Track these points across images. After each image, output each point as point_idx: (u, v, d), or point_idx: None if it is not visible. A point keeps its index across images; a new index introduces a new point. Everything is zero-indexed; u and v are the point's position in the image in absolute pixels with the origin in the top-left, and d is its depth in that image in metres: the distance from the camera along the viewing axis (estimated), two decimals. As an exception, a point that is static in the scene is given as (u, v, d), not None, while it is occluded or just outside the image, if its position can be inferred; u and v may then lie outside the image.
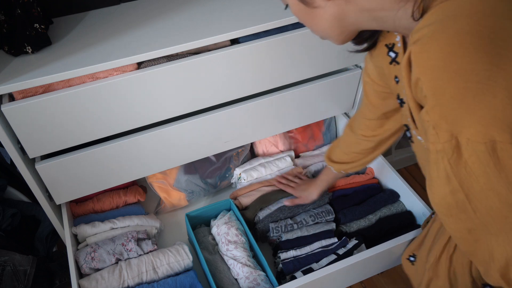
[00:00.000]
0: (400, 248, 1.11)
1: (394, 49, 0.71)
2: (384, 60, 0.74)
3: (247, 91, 1.15)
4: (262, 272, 1.12)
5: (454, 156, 0.50)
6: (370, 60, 0.82)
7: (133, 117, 1.05)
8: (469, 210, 0.55)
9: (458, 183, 0.52)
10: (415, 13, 0.52)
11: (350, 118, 1.02)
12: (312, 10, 0.60)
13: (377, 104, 0.89)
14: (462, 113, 0.46)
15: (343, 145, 1.06)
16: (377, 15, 0.57)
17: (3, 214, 1.25)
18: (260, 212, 1.24)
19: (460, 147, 0.49)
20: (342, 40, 0.65)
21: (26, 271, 1.14)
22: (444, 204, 0.57)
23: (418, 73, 0.48)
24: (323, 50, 1.17)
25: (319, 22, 0.62)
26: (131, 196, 1.29)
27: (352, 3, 0.57)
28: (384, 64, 0.75)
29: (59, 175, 1.07)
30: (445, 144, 0.49)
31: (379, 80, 0.83)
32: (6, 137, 0.94)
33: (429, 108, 0.49)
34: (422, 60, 0.48)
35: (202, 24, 1.05)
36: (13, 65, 0.93)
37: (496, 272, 0.60)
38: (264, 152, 1.45)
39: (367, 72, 0.85)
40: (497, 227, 0.56)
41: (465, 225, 0.59)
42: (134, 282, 1.07)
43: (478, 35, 0.45)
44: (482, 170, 0.49)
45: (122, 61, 0.94)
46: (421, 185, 1.74)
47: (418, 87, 0.50)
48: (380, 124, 0.94)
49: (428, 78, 0.47)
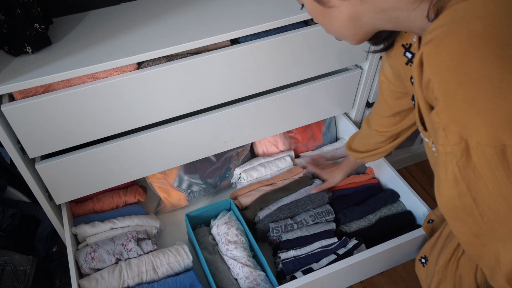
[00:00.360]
0: (400, 248, 1.11)
1: (411, 49, 0.70)
2: (401, 60, 0.74)
3: (247, 91, 1.15)
4: (262, 272, 1.12)
5: (463, 159, 0.49)
6: (386, 60, 0.82)
7: (133, 117, 1.05)
8: (476, 214, 0.54)
9: (466, 187, 0.52)
10: (430, 14, 0.52)
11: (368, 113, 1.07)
12: (327, 10, 0.60)
13: (392, 103, 0.90)
14: (473, 116, 0.46)
15: (360, 137, 1.11)
16: (392, 15, 0.57)
17: (3, 214, 1.25)
18: (260, 212, 1.24)
19: (469, 150, 0.48)
20: (358, 40, 0.65)
21: (26, 271, 1.14)
22: (451, 207, 0.56)
23: (430, 74, 0.48)
24: (323, 50, 1.17)
25: (334, 22, 0.62)
26: (131, 196, 1.29)
27: (368, 3, 0.57)
28: (400, 64, 0.75)
29: (59, 175, 1.07)
30: (454, 147, 0.49)
31: (395, 80, 0.83)
32: (6, 137, 0.94)
33: (439, 109, 0.48)
34: (434, 61, 0.47)
35: (202, 24, 1.05)
36: (13, 65, 0.93)
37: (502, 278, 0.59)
38: (264, 152, 1.45)
39: (383, 72, 0.86)
40: (504, 232, 0.55)
41: (472, 229, 0.58)
42: (134, 282, 1.07)
43: (491, 38, 0.44)
44: (490, 174, 0.49)
45: (122, 61, 0.94)
46: (421, 185, 1.74)
47: (429, 88, 0.49)
48: (394, 122, 0.96)
49: (439, 79, 0.47)
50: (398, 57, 0.74)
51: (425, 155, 1.81)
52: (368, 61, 1.28)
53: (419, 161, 1.82)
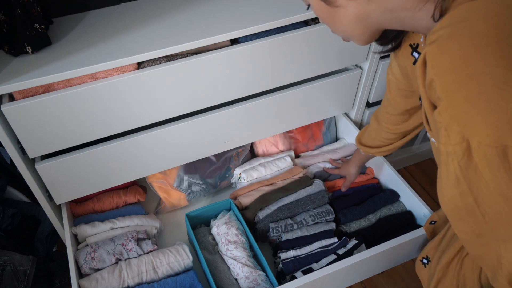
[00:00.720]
0: (400, 248, 1.11)
1: (418, 49, 0.71)
2: (408, 60, 0.74)
3: (247, 91, 1.15)
4: (262, 272, 1.12)
5: (465, 159, 0.49)
6: (394, 60, 0.83)
7: (133, 117, 1.05)
8: (477, 214, 0.54)
9: (467, 187, 0.52)
10: (435, 14, 0.52)
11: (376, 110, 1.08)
12: (334, 10, 0.60)
13: (400, 101, 0.91)
14: (475, 116, 0.46)
15: (370, 131, 1.12)
16: (399, 15, 0.57)
17: (3, 214, 1.25)
18: (260, 212, 1.24)
19: (471, 150, 0.48)
20: (365, 41, 0.65)
21: (26, 271, 1.14)
22: (453, 206, 0.56)
23: (433, 74, 0.48)
24: (323, 50, 1.17)
25: (341, 22, 0.62)
26: (131, 196, 1.29)
27: (374, 2, 0.57)
28: (408, 64, 0.75)
29: (59, 175, 1.07)
30: (456, 146, 0.49)
31: (403, 79, 0.84)
32: (6, 137, 0.94)
33: (441, 109, 0.49)
34: (437, 61, 0.48)
35: (202, 24, 1.05)
36: (13, 65, 0.93)
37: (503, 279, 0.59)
38: (264, 152, 1.45)
39: (391, 70, 0.86)
40: (505, 233, 0.55)
41: (473, 229, 0.58)
42: (134, 282, 1.07)
43: (495, 39, 0.44)
44: (492, 175, 0.49)
45: (122, 61, 0.94)
46: (421, 185, 1.74)
47: (432, 87, 0.50)
48: (402, 120, 0.97)
49: (442, 79, 0.47)
50: (406, 57, 0.74)
51: (425, 155, 1.81)
52: (368, 61, 1.28)
53: (419, 161, 1.82)
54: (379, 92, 1.39)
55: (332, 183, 1.36)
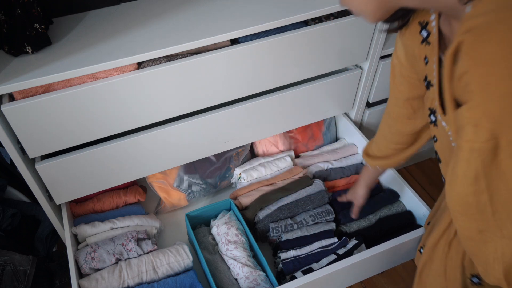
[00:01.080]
0: (400, 248, 1.11)
1: (427, 28, 0.67)
2: (415, 38, 0.70)
3: (247, 91, 1.15)
4: (262, 272, 1.12)
5: (490, 157, 0.48)
6: (400, 39, 0.78)
7: (133, 117, 1.05)
8: (487, 212, 0.53)
9: (485, 184, 0.51)
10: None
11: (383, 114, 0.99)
12: None
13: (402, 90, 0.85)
14: (510, 113, 0.44)
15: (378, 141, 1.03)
16: None
17: (3, 214, 1.25)
18: (260, 212, 1.24)
19: (498, 148, 0.47)
20: (377, 17, 0.61)
21: (26, 271, 1.14)
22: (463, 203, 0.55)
23: (468, 65, 0.45)
24: (323, 50, 1.17)
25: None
26: (131, 196, 1.29)
27: None
28: (415, 43, 0.72)
29: (59, 175, 1.07)
30: (484, 144, 0.47)
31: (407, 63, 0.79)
32: (6, 137, 0.94)
33: (473, 104, 0.46)
34: (476, 52, 0.44)
35: (202, 24, 1.05)
36: (13, 65, 0.93)
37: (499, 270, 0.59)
38: (264, 152, 1.45)
39: (396, 53, 0.82)
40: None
41: (478, 225, 0.57)
42: (134, 282, 1.07)
43: None
44: None
45: (122, 61, 0.94)
46: (421, 185, 1.74)
47: (463, 80, 0.47)
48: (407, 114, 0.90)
49: (479, 72, 0.44)
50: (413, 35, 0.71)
51: (425, 155, 1.81)
52: (368, 61, 1.28)
53: (419, 161, 1.82)
54: (379, 92, 1.39)
55: (332, 183, 1.36)
